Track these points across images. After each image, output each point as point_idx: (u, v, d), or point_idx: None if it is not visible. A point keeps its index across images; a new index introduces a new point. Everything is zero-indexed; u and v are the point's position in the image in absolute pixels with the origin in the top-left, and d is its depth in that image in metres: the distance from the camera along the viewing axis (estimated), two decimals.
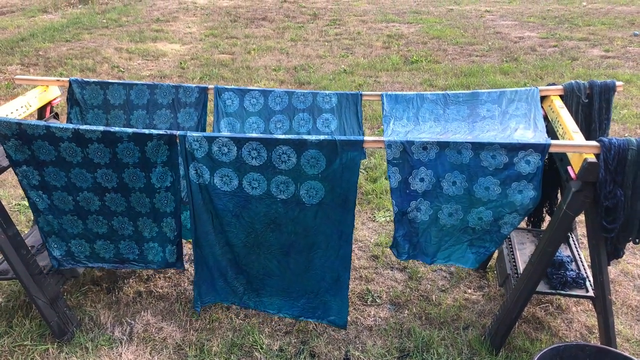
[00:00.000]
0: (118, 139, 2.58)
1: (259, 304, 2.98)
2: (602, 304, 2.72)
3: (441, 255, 2.80)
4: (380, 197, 4.61)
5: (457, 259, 2.81)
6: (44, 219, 2.84)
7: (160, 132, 2.59)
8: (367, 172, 5.02)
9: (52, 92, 3.39)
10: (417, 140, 2.55)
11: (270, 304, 2.97)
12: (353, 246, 3.84)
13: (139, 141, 2.59)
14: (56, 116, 3.46)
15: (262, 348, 3.00)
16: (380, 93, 3.25)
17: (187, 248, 3.87)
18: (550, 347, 2.47)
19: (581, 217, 2.70)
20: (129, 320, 3.20)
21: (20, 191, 4.71)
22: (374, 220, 4.32)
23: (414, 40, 9.97)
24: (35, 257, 2.97)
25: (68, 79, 3.29)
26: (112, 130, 2.57)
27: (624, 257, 3.22)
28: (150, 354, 2.97)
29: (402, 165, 2.59)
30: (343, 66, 8.38)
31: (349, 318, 3.22)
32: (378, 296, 3.44)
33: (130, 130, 2.59)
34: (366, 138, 2.57)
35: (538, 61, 8.47)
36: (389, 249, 3.87)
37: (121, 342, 3.04)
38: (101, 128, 2.57)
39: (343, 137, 2.54)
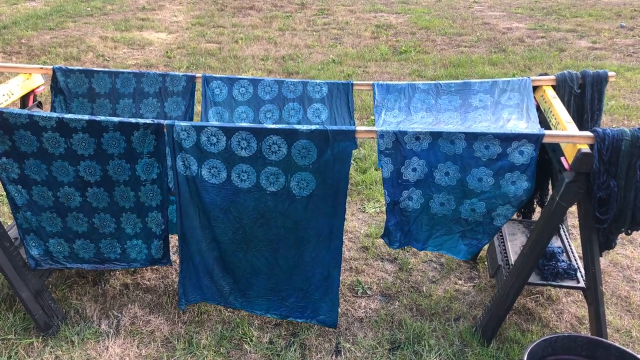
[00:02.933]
0: (104, 128, 2.51)
1: (246, 304, 2.93)
2: (593, 294, 2.72)
3: (433, 243, 2.78)
4: (370, 188, 4.58)
5: (449, 248, 2.79)
6: (23, 215, 2.75)
7: (147, 121, 2.53)
8: (356, 163, 4.99)
9: (35, 80, 3.30)
10: (410, 131, 2.52)
11: (258, 304, 2.92)
12: (343, 238, 3.81)
13: (125, 130, 2.53)
14: (39, 105, 3.38)
15: (251, 340, 2.96)
16: (371, 82, 3.21)
17: (174, 240, 3.81)
18: (542, 339, 2.47)
19: (571, 208, 2.69)
20: (116, 313, 3.15)
21: None
22: (364, 212, 4.29)
23: (402, 31, 9.92)
24: (19, 249, 2.90)
25: (52, 66, 3.21)
26: (97, 119, 2.50)
27: (615, 248, 3.22)
28: (137, 347, 2.92)
29: (395, 156, 2.56)
30: (332, 56, 8.32)
31: (339, 310, 3.20)
32: (369, 287, 3.41)
33: (116, 119, 2.52)
34: (358, 128, 2.53)
35: (526, 52, 8.47)
36: (379, 240, 3.85)
37: (108, 336, 2.98)
38: (86, 117, 2.50)
39: (335, 127, 2.50)
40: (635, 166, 2.38)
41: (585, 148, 2.42)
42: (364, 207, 4.34)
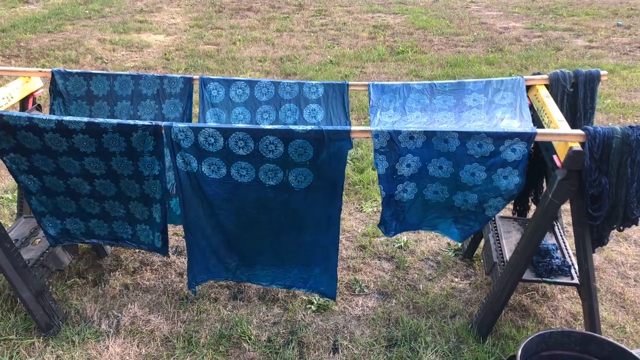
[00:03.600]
0: (102, 130, 2.54)
1: (252, 277, 2.99)
2: (587, 290, 2.75)
3: (427, 224, 2.87)
4: (367, 188, 4.61)
5: (443, 229, 2.88)
6: (37, 200, 2.83)
7: (145, 123, 2.56)
8: (353, 163, 5.02)
9: (34, 83, 3.33)
10: (404, 130, 2.55)
11: (264, 276, 2.98)
12: (340, 236, 3.85)
13: (123, 132, 2.56)
14: (39, 108, 3.41)
15: (250, 339, 3.00)
16: (367, 83, 3.24)
17: (174, 240, 3.85)
18: (536, 334, 2.50)
19: (566, 206, 2.73)
20: (116, 313, 3.18)
21: (2, 184, 4.65)
22: (361, 211, 4.33)
23: (399, 31, 9.96)
24: (20, 250, 2.94)
25: (50, 70, 3.24)
26: (96, 121, 2.53)
27: (608, 244, 3.25)
28: (137, 346, 2.96)
29: (390, 154, 2.60)
30: (329, 57, 8.35)
31: (336, 308, 3.24)
32: (366, 286, 3.45)
33: (114, 121, 2.55)
34: (353, 128, 2.56)
35: (523, 51, 8.51)
36: (376, 239, 3.88)
37: (108, 335, 3.02)
38: (85, 119, 2.53)
39: (330, 127, 2.53)
40: (626, 163, 2.41)
41: (577, 146, 2.45)
42: (361, 207, 4.37)
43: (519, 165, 2.55)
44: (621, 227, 2.60)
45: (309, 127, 2.51)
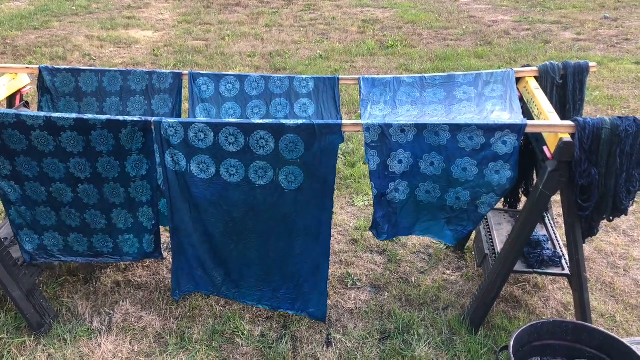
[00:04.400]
0: (91, 126, 2.52)
1: (238, 295, 2.96)
2: (577, 281, 2.78)
3: (419, 228, 2.85)
4: (358, 182, 4.61)
5: (436, 233, 2.85)
6: (16, 210, 2.77)
7: (135, 118, 2.55)
8: (345, 157, 5.02)
9: (21, 80, 3.30)
10: (395, 123, 2.55)
11: (250, 295, 2.95)
12: (332, 231, 3.85)
13: (113, 128, 2.54)
14: (27, 105, 3.38)
15: (243, 334, 3.00)
16: (357, 77, 3.24)
17: (165, 237, 3.83)
18: (528, 325, 2.52)
19: (556, 198, 2.74)
20: (108, 310, 3.17)
21: None
22: (352, 205, 4.33)
23: (389, 25, 9.95)
24: (9, 249, 2.91)
25: (38, 66, 3.21)
26: (85, 117, 2.51)
27: (598, 235, 3.28)
28: (130, 343, 2.95)
29: (381, 148, 2.60)
30: (319, 51, 8.33)
31: (329, 302, 3.24)
32: (358, 279, 3.45)
33: (104, 117, 2.53)
34: (344, 122, 2.56)
35: (512, 44, 8.54)
36: (368, 233, 3.89)
37: (100, 333, 3.01)
38: (74, 115, 2.51)
39: (321, 121, 2.53)
40: (615, 154, 2.43)
41: (567, 137, 2.47)
42: (353, 201, 4.38)
43: (510, 158, 2.55)
44: (611, 218, 2.63)
45: (300, 122, 2.51)
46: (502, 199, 3.62)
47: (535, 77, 3.12)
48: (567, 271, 2.95)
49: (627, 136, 2.41)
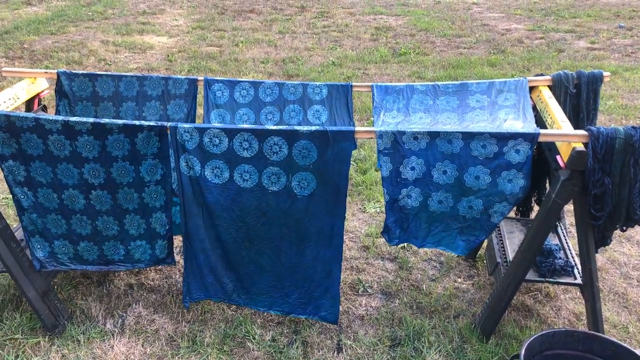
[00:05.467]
0: (108, 130, 2.56)
1: (249, 301, 2.97)
2: (589, 291, 2.77)
3: (431, 240, 2.83)
4: (370, 189, 4.63)
5: (447, 244, 2.84)
6: (28, 217, 2.80)
7: (151, 123, 2.58)
8: (357, 163, 5.04)
9: (39, 84, 3.35)
10: (408, 130, 2.57)
11: (261, 301, 2.96)
12: (344, 237, 3.86)
13: (129, 133, 2.58)
14: (44, 109, 3.43)
15: (254, 338, 3.01)
16: (370, 84, 3.26)
17: (178, 241, 3.86)
18: (539, 334, 2.51)
19: (569, 207, 2.74)
20: (121, 313, 3.20)
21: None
22: (364, 212, 4.34)
23: (402, 33, 9.98)
24: (25, 250, 2.95)
25: (56, 71, 3.26)
26: (102, 121, 2.55)
27: (611, 245, 3.27)
28: (142, 345, 2.97)
29: (393, 155, 2.61)
30: (331, 58, 8.37)
31: (340, 308, 3.24)
32: (369, 286, 3.46)
33: (120, 121, 2.57)
34: (357, 128, 2.58)
35: (525, 53, 8.52)
36: (379, 240, 3.90)
37: (113, 334, 3.04)
38: (91, 120, 2.55)
39: (334, 128, 2.55)
40: (628, 164, 2.43)
41: (580, 146, 2.47)
42: (365, 207, 4.39)
43: (523, 167, 2.55)
44: (624, 227, 2.61)
45: (313, 128, 2.53)
46: (515, 208, 3.62)
47: (548, 86, 3.12)
48: (579, 281, 2.93)
49: None
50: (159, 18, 11.09)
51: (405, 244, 3.82)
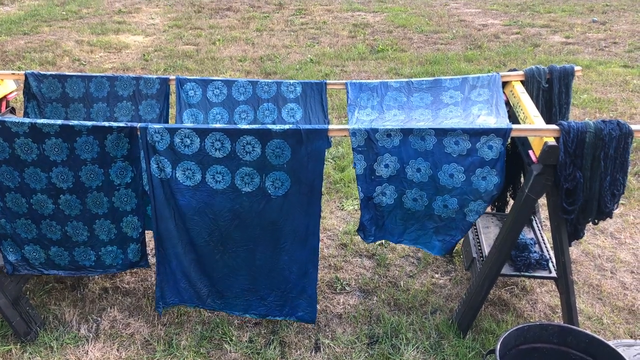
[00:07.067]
0: (77, 132, 2.51)
1: (224, 305, 2.93)
2: (564, 284, 2.79)
3: (408, 237, 2.84)
4: (348, 186, 4.62)
5: (424, 243, 2.84)
6: None
7: (121, 124, 2.54)
8: (335, 161, 5.03)
9: (7, 86, 3.28)
10: (381, 128, 2.56)
11: (236, 305, 2.92)
12: (322, 235, 3.85)
13: (98, 134, 2.53)
14: (13, 111, 3.36)
15: (231, 340, 2.99)
16: (344, 81, 3.25)
17: (152, 245, 3.81)
18: (514, 328, 2.53)
19: (544, 201, 2.76)
20: (95, 317, 3.15)
21: None
22: (342, 209, 4.33)
23: (379, 29, 9.98)
24: None
25: (23, 72, 3.19)
26: (70, 123, 2.50)
27: (585, 237, 3.30)
28: (117, 350, 2.93)
29: (367, 153, 2.60)
30: (309, 56, 8.34)
31: (318, 307, 3.23)
32: (347, 284, 3.45)
33: (89, 123, 2.53)
34: (331, 127, 2.57)
35: (501, 48, 8.58)
36: (357, 237, 3.88)
37: (87, 340, 2.99)
38: (59, 122, 2.50)
39: (308, 126, 2.53)
40: (599, 157, 2.45)
41: (552, 141, 2.48)
42: (343, 205, 4.38)
43: (496, 164, 2.56)
44: (596, 221, 2.64)
45: (286, 127, 2.51)
46: None
47: (521, 81, 3.14)
48: (554, 274, 2.96)
49: (611, 140, 2.42)
50: (134, 17, 10.94)
51: (384, 242, 3.83)
